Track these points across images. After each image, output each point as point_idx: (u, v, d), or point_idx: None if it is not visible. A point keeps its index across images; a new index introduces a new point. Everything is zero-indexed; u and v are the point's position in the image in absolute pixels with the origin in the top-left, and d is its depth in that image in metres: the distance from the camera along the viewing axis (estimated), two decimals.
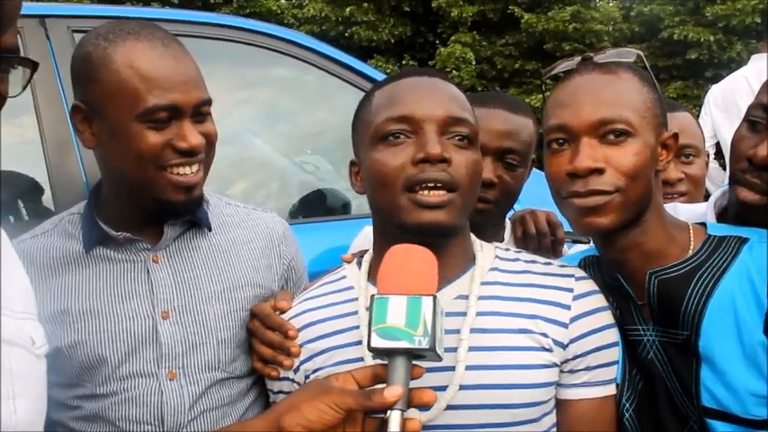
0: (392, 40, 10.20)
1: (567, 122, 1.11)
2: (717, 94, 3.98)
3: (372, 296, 0.93)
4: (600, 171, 1.08)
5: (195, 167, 1.19)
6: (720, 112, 3.95)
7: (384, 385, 0.90)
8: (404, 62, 10.10)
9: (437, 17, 10.54)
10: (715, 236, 1.17)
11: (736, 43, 9.70)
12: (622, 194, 1.09)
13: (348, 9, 9.99)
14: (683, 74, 10.06)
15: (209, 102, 1.21)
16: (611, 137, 1.09)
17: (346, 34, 10.30)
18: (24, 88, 0.94)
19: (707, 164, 1.84)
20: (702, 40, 9.52)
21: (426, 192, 1.06)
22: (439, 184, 1.06)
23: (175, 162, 1.16)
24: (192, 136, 1.16)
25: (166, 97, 1.14)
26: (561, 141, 1.13)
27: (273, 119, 2.62)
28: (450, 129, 1.09)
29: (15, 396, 0.84)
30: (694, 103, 9.36)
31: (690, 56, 9.73)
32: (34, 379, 0.90)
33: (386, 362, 0.92)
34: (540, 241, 1.55)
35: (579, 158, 1.09)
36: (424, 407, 1.00)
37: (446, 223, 1.07)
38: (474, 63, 9.90)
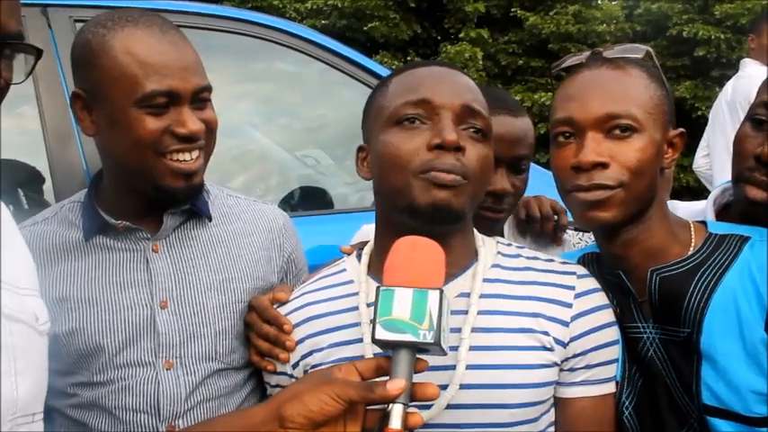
0: (402, 37, 10.16)
1: (574, 116, 1.11)
2: (712, 110, 4.07)
3: (378, 288, 0.92)
4: (604, 165, 1.08)
5: (195, 154, 1.18)
6: (710, 124, 4.05)
7: (387, 378, 0.89)
8: (409, 58, 10.07)
9: (444, 12, 10.51)
10: (716, 234, 1.17)
11: (744, 43, 9.65)
12: (626, 189, 1.09)
13: (360, 2, 9.94)
14: (690, 73, 10.00)
15: (208, 88, 1.20)
16: (617, 132, 1.09)
17: (354, 28, 10.27)
18: (28, 75, 0.94)
19: None
20: (713, 37, 9.46)
21: (439, 172, 1.04)
22: (452, 171, 1.05)
23: (175, 148, 1.16)
24: (191, 122, 1.15)
25: (164, 83, 1.13)
26: (567, 135, 1.12)
27: (275, 112, 2.62)
28: (467, 120, 1.09)
29: (17, 373, 0.83)
30: (706, 104, 9.29)
31: (698, 53, 9.67)
32: (36, 356, 0.89)
33: (389, 354, 0.92)
34: (543, 225, 1.54)
35: (584, 152, 1.08)
36: (425, 406, 0.99)
37: (456, 206, 1.05)
38: (481, 61, 9.88)
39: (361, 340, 1.09)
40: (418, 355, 0.91)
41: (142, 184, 1.19)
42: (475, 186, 1.08)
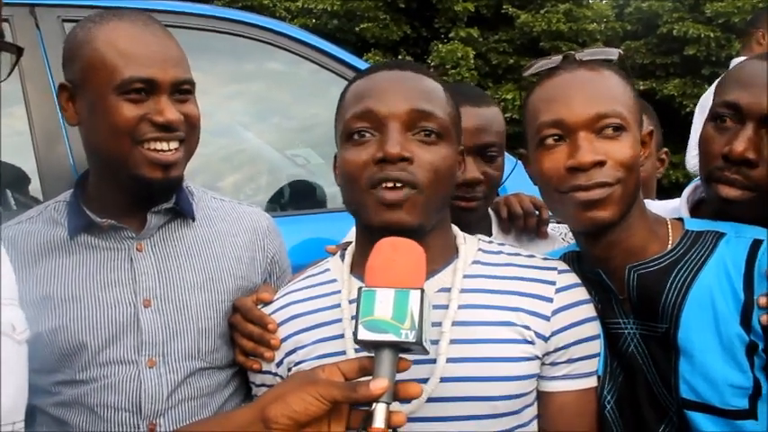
0: (393, 37, 10.17)
1: (564, 118, 1.11)
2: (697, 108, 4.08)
3: (360, 288, 0.93)
4: (602, 164, 1.09)
5: (173, 145, 1.19)
6: (698, 124, 4.06)
7: (370, 378, 0.90)
8: (399, 58, 10.09)
9: (434, 12, 10.52)
10: (693, 231, 1.18)
11: (734, 41, 9.71)
12: (622, 186, 1.10)
13: (350, 4, 9.95)
14: (680, 71, 10.05)
15: (190, 82, 1.22)
16: (609, 131, 1.10)
17: (344, 29, 10.27)
18: (9, 73, 0.94)
19: None
20: (702, 36, 9.50)
21: (387, 190, 1.05)
22: (398, 184, 1.05)
23: (152, 137, 1.17)
24: (169, 111, 1.17)
25: (143, 71, 1.16)
26: (557, 137, 1.12)
27: (265, 112, 2.62)
28: (416, 124, 1.08)
29: None
30: (695, 102, 9.34)
31: (688, 52, 9.71)
32: (15, 365, 0.89)
33: (372, 354, 0.93)
34: (526, 221, 1.56)
35: (581, 153, 1.09)
36: (406, 400, 1.00)
37: (408, 222, 1.05)
38: (472, 60, 9.91)
39: (342, 336, 1.10)
40: (401, 355, 0.92)
41: (120, 173, 1.20)
42: (429, 194, 1.07)
